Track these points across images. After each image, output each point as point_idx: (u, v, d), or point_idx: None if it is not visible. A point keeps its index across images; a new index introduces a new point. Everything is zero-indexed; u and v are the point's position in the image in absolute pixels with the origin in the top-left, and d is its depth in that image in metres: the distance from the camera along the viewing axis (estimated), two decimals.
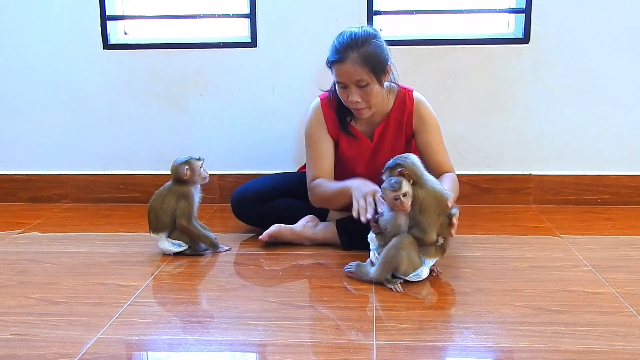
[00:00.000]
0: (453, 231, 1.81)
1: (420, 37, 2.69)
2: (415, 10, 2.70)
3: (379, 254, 1.82)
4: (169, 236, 2.12)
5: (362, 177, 2.08)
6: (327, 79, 2.17)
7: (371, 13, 2.64)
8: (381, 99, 2.11)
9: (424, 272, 1.81)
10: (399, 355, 1.39)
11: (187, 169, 2.10)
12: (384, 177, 1.82)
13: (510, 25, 2.74)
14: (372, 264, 1.85)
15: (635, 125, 2.69)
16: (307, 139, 2.24)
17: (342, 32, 2.05)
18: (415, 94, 2.20)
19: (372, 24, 2.62)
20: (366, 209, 1.88)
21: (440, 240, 1.82)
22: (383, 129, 2.19)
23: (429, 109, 2.20)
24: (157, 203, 2.12)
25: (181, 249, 2.11)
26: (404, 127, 2.19)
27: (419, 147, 2.20)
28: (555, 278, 1.85)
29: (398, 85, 2.19)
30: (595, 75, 2.66)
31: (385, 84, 2.12)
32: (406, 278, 1.79)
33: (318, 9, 2.66)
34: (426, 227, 1.76)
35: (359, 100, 2.03)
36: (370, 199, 1.91)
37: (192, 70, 2.77)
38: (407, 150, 2.20)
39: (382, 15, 2.69)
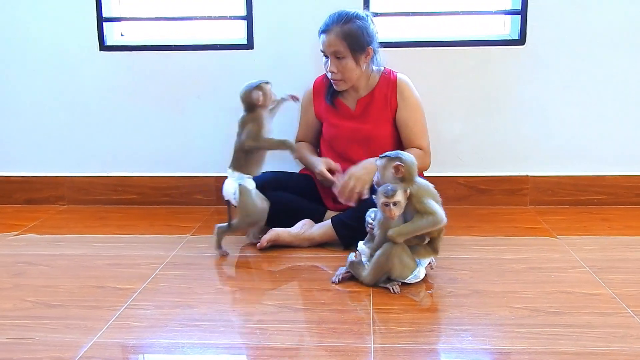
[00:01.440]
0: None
1: (417, 39, 2.69)
2: (412, 12, 2.70)
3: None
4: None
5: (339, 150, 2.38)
6: None
7: None
8: (356, 75, 2.30)
9: (421, 272, 1.82)
10: (396, 358, 1.38)
11: (260, 94, 2.07)
12: (378, 162, 1.84)
13: (506, 27, 2.74)
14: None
15: (632, 125, 2.70)
16: (300, 108, 2.52)
17: (338, 10, 2.27)
18: (399, 74, 2.38)
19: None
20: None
21: (427, 239, 1.82)
22: (367, 101, 2.37)
23: (411, 89, 2.37)
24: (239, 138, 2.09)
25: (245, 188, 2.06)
26: (388, 101, 2.34)
27: (397, 123, 2.36)
28: (553, 279, 1.85)
29: (384, 67, 2.40)
30: (591, 76, 2.66)
31: (373, 67, 2.36)
32: (405, 281, 1.79)
33: (314, 10, 2.65)
34: (432, 208, 1.77)
35: (335, 70, 2.27)
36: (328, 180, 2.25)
37: (189, 72, 2.76)
38: (394, 129, 2.36)
39: (379, 17, 2.68)
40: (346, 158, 2.32)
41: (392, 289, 1.76)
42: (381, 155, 1.85)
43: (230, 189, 2.05)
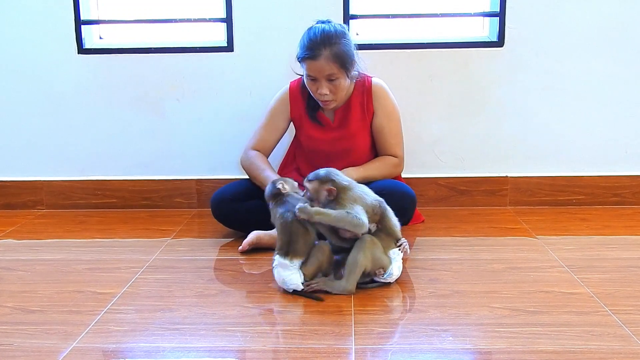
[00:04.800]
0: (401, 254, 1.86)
1: (396, 40, 2.71)
2: (391, 14, 2.71)
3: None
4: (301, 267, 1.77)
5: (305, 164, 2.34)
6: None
7: (347, 17, 2.65)
8: (347, 91, 2.25)
9: (394, 270, 1.81)
10: (377, 359, 1.39)
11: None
12: (309, 185, 1.83)
13: (485, 29, 2.76)
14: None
15: (609, 126, 2.73)
16: (268, 111, 2.40)
17: (311, 28, 2.17)
18: (374, 79, 2.32)
19: (348, 29, 2.63)
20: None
21: (373, 227, 1.82)
22: (344, 111, 2.30)
23: (388, 93, 2.33)
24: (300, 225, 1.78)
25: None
26: (365, 108, 2.30)
27: (373, 130, 2.33)
28: (532, 279, 1.87)
29: (358, 72, 2.30)
30: (569, 77, 2.69)
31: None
32: (381, 280, 1.80)
33: (294, 12, 2.66)
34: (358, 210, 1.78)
35: (327, 92, 2.17)
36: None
37: (169, 75, 2.75)
38: (372, 136, 2.34)
39: (358, 19, 2.70)
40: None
41: (384, 277, 1.79)
42: (310, 178, 1.84)
43: (294, 280, 1.75)
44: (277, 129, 2.39)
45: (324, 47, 2.10)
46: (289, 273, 1.75)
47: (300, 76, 2.33)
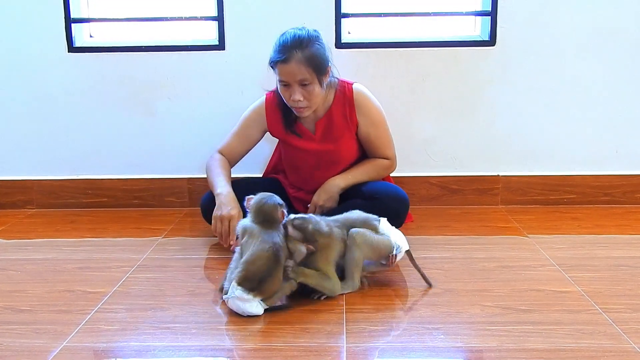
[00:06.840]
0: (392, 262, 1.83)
1: (388, 39, 2.71)
2: (383, 13, 2.71)
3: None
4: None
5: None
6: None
7: (339, 16, 2.65)
8: (321, 98, 2.19)
9: (398, 242, 1.80)
10: (369, 358, 1.39)
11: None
12: (295, 233, 1.70)
13: (476, 28, 2.77)
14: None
15: (600, 125, 2.74)
16: (242, 119, 2.36)
17: (284, 33, 2.13)
18: (355, 85, 2.27)
19: (340, 27, 2.64)
20: (223, 236, 2.10)
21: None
22: (326, 122, 2.26)
23: (370, 100, 2.27)
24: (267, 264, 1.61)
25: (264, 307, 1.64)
26: (348, 119, 2.25)
27: (360, 138, 2.30)
28: (523, 277, 1.87)
29: (337, 79, 2.26)
30: (560, 77, 2.70)
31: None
32: (398, 258, 1.81)
33: (286, 11, 2.65)
34: (321, 267, 1.72)
35: (301, 99, 2.11)
36: (225, 225, 2.09)
37: (160, 74, 2.74)
38: (358, 142, 2.31)
39: (350, 18, 2.69)
40: (313, 181, 2.31)
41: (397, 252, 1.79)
42: (296, 224, 1.69)
43: (255, 309, 1.61)
44: (249, 139, 2.35)
45: (295, 50, 2.05)
46: (249, 305, 1.60)
47: (271, 91, 2.31)
